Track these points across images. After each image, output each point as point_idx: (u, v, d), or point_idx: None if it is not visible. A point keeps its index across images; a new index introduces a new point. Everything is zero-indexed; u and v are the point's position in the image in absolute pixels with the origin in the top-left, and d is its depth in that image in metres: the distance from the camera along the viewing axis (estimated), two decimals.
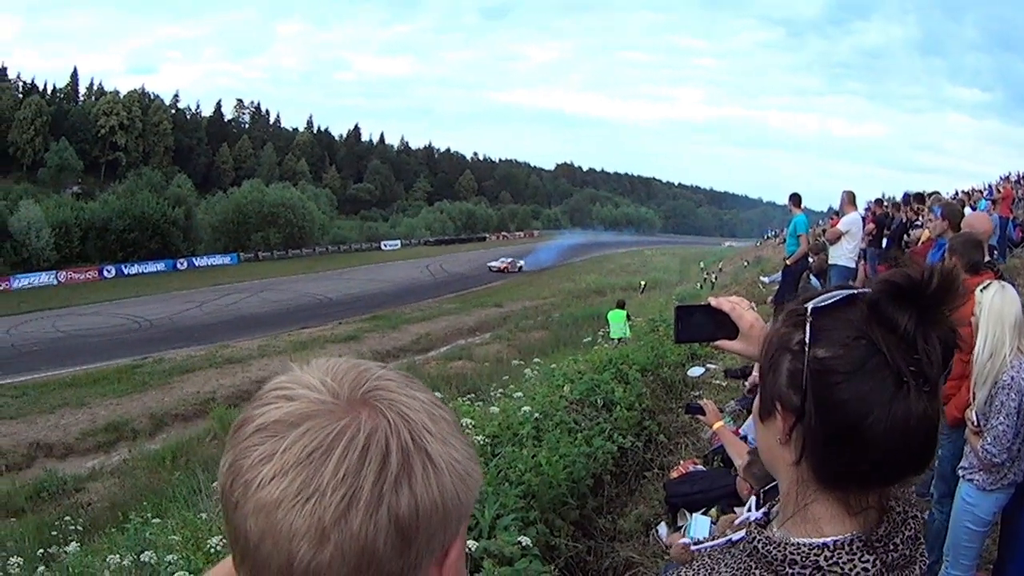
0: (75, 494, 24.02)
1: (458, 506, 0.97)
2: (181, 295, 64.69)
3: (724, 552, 1.60)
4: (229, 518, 0.94)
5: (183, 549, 5.87)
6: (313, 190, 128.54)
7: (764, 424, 1.50)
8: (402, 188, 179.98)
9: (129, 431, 31.49)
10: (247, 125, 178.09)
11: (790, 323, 1.44)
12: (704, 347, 13.62)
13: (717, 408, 6.08)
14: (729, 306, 2.20)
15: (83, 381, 37.47)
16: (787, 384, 1.40)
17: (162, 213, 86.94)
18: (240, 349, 43.49)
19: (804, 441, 1.39)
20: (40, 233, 76.87)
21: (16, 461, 27.81)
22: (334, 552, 0.88)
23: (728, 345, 2.20)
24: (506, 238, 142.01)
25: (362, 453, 0.90)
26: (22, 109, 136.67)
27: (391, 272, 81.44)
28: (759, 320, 2.17)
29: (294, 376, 1.01)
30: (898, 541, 1.39)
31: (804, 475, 1.42)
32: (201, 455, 24.35)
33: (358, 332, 48.34)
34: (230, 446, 0.95)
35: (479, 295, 67.62)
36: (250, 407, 0.98)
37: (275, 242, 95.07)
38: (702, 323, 2.27)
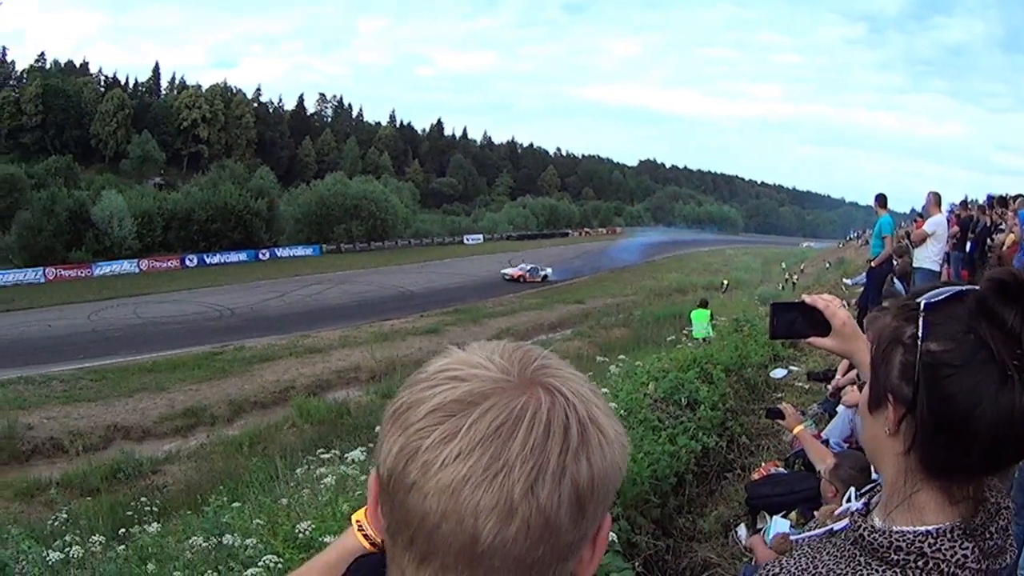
0: (151, 476, 24.37)
1: (619, 478, 1.01)
2: (263, 285, 65.13)
3: (824, 542, 1.65)
4: (400, 501, 0.95)
5: (264, 534, 6.01)
6: (396, 184, 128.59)
7: (873, 415, 1.55)
8: (485, 183, 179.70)
9: (207, 416, 31.88)
10: (330, 119, 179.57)
11: (902, 317, 1.49)
12: (787, 348, 14.64)
13: (798, 412, 6.27)
14: (823, 303, 2.30)
15: (163, 367, 37.89)
16: (899, 376, 1.46)
17: (245, 204, 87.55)
18: (321, 339, 43.79)
19: (914, 432, 1.44)
20: (122, 222, 77.90)
21: (93, 442, 28.03)
22: (520, 526, 0.91)
23: (820, 342, 2.31)
24: (588, 234, 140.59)
25: (546, 427, 0.92)
26: (104, 102, 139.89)
27: (473, 266, 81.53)
28: (851, 318, 2.27)
29: (459, 358, 1.02)
30: (993, 530, 1.44)
31: (911, 465, 1.47)
32: (279, 442, 24.59)
33: (439, 325, 48.36)
34: (396, 430, 0.96)
35: (561, 291, 67.20)
36: (411, 391, 0.99)
37: (357, 234, 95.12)
38: (796, 320, 2.34)
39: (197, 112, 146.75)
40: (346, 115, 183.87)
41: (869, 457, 1.62)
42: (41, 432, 28.50)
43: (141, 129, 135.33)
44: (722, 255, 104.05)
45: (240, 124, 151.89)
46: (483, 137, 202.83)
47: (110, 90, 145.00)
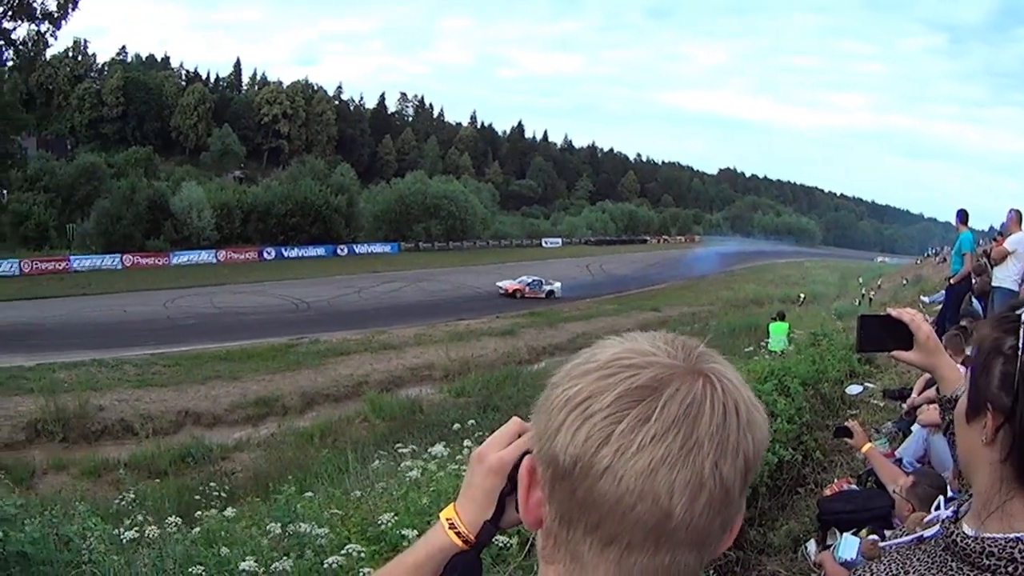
0: (219, 462, 24.81)
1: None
2: (340, 280, 65.31)
3: (913, 548, 1.70)
4: (589, 487, 1.00)
5: (336, 525, 6.19)
6: (476, 184, 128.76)
7: (969, 425, 1.59)
8: (564, 186, 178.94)
9: (279, 407, 32.53)
10: (410, 118, 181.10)
11: (1002, 328, 1.52)
12: (863, 365, 14.58)
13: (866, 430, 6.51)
14: (908, 317, 2.42)
15: (237, 356, 38.34)
16: (999, 386, 1.49)
17: (324, 200, 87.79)
18: (396, 336, 43.93)
19: (1012, 440, 1.47)
20: (201, 213, 78.62)
21: (163, 426, 28.62)
22: (706, 500, 0.99)
23: (903, 355, 2.44)
24: (667, 242, 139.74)
25: (723, 407, 1.01)
26: (185, 96, 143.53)
27: (550, 269, 79.75)
28: (934, 333, 2.38)
29: (628, 347, 1.08)
30: None
31: (1007, 473, 1.49)
32: (350, 435, 25.56)
33: (515, 327, 48.29)
34: (577, 419, 1.01)
35: (638, 298, 66.72)
36: (584, 381, 1.04)
37: (436, 233, 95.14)
38: (882, 333, 2.45)
39: (278, 108, 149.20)
40: (427, 114, 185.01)
41: (962, 465, 1.65)
42: (112, 414, 28.91)
43: (221, 123, 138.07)
44: (799, 268, 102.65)
45: (321, 121, 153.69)
46: (564, 140, 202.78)
47: (191, 84, 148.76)
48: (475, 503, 1.41)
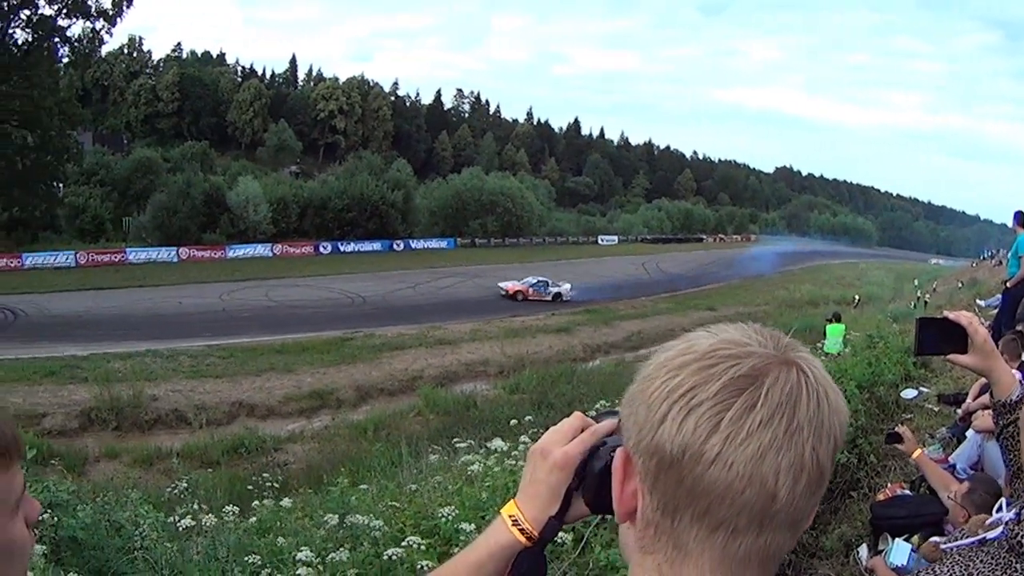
0: (272, 453, 25.25)
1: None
2: (396, 275, 65.30)
3: (976, 550, 1.72)
4: (698, 475, 1.03)
5: (391, 517, 6.27)
6: (532, 181, 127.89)
7: None
8: (620, 184, 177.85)
9: (333, 400, 33.11)
10: (467, 114, 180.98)
11: None
12: (918, 369, 14.30)
13: (920, 436, 6.78)
14: (965, 320, 2.42)
15: (291, 349, 38.65)
16: None
17: (381, 195, 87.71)
18: (451, 331, 44.23)
19: None
20: (258, 207, 78.88)
21: (217, 417, 29.17)
22: (806, 481, 1.04)
23: (960, 359, 2.44)
24: (723, 240, 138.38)
25: (817, 393, 1.05)
26: (241, 92, 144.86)
27: (606, 267, 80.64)
28: (990, 337, 2.37)
29: (724, 339, 1.11)
30: None
31: None
32: (404, 430, 25.33)
33: (570, 324, 48.29)
34: (682, 409, 1.04)
35: (693, 297, 66.29)
36: (685, 372, 1.07)
37: (492, 230, 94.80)
38: (939, 336, 2.47)
39: (334, 104, 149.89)
40: (483, 111, 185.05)
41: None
42: (165, 404, 29.54)
43: (278, 118, 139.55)
44: (855, 269, 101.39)
45: (377, 117, 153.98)
46: (620, 137, 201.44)
47: (247, 80, 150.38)
48: (539, 499, 1.42)
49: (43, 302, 46.53)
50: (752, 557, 1.06)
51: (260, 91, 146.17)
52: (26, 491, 1.33)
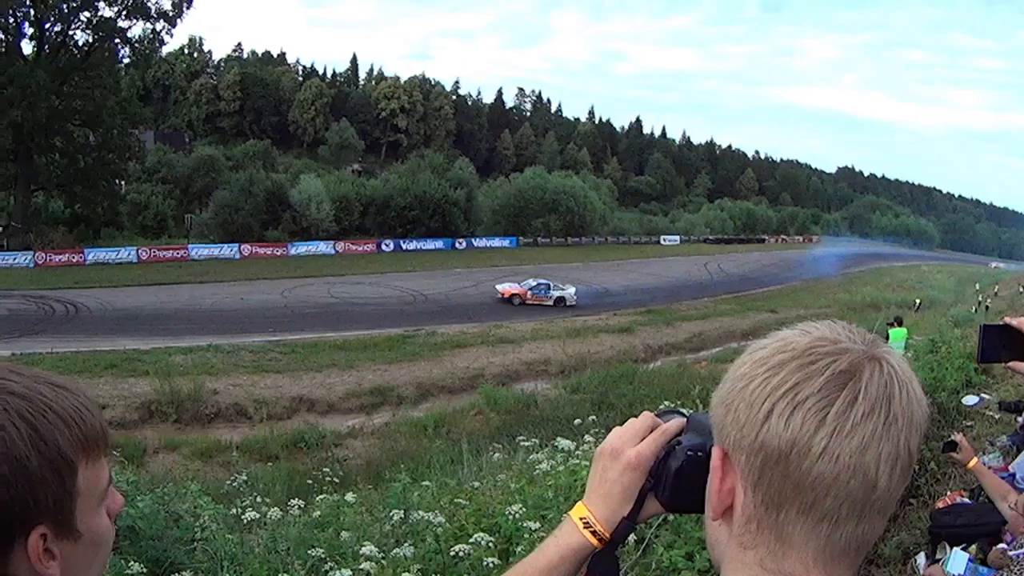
0: (332, 449, 25.19)
1: None
2: (458, 273, 65.63)
3: None
4: (806, 468, 1.07)
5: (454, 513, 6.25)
6: (594, 180, 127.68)
7: None
8: (683, 183, 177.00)
9: (394, 397, 33.18)
10: (528, 113, 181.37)
11: None
12: (980, 375, 13.89)
13: (980, 443, 6.89)
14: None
15: (353, 345, 38.87)
16: None
17: (443, 194, 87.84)
18: (513, 330, 44.19)
19: None
20: (320, 205, 79.29)
21: (278, 412, 29.44)
22: (900, 470, 1.09)
23: (1021, 367, 2.42)
24: (785, 241, 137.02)
25: (906, 386, 1.10)
26: (302, 91, 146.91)
27: (668, 267, 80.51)
28: None
29: (818, 336, 1.14)
30: None
31: None
32: (464, 427, 26.21)
33: (632, 324, 48.01)
34: (787, 406, 1.08)
35: (755, 298, 65.86)
36: (787, 370, 1.10)
37: (555, 229, 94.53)
38: (1001, 343, 2.44)
39: (396, 103, 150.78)
40: (545, 110, 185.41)
41: None
42: (226, 398, 29.88)
43: (339, 117, 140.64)
44: (916, 271, 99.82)
45: (439, 115, 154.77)
46: (682, 137, 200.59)
47: (308, 79, 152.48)
48: (610, 500, 1.43)
49: (105, 297, 47.18)
50: (850, 545, 1.11)
51: (321, 90, 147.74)
52: (112, 484, 1.35)
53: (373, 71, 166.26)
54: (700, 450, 1.36)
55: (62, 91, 63.28)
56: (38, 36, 64.26)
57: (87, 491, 1.25)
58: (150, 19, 66.94)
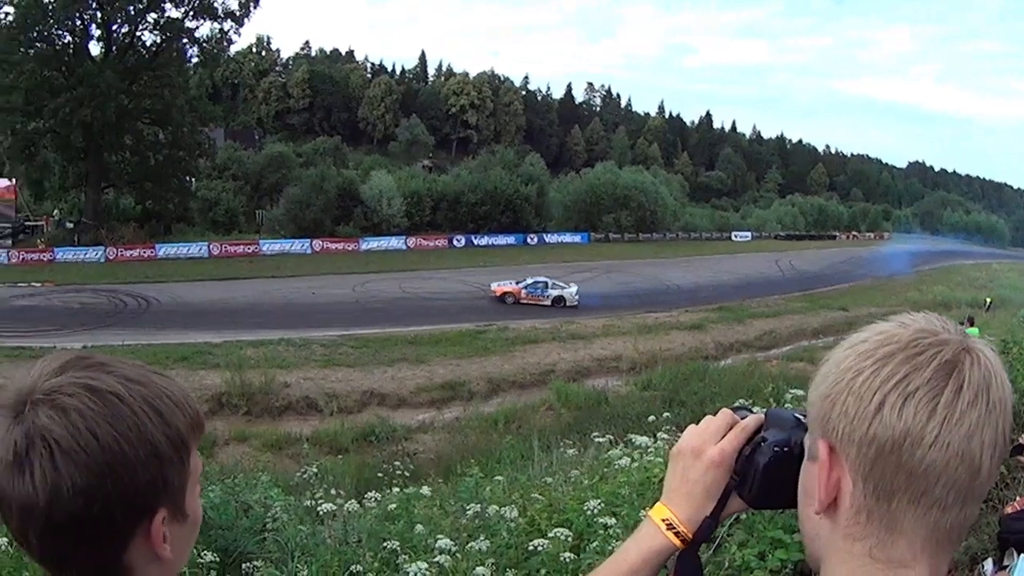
0: (402, 443, 25.56)
1: None
2: (530, 269, 64.20)
3: None
4: (919, 458, 1.10)
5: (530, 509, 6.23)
6: (665, 175, 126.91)
7: None
8: (753, 178, 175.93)
9: (465, 392, 33.41)
10: (598, 108, 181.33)
11: None
12: None
13: None
14: None
15: (424, 340, 38.93)
16: None
17: (514, 189, 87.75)
18: (584, 326, 43.96)
19: None
20: (391, 201, 79.58)
21: (348, 405, 29.92)
22: (998, 456, 1.12)
23: None
24: (856, 238, 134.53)
25: (997, 375, 1.12)
26: (372, 88, 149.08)
27: (740, 264, 79.63)
28: None
29: (919, 328, 1.17)
30: None
31: None
32: (534, 423, 26.00)
33: (703, 322, 47.48)
34: (898, 397, 1.10)
35: (826, 296, 64.67)
36: (893, 361, 1.13)
37: (626, 225, 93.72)
38: None
39: (465, 99, 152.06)
40: (614, 104, 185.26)
41: None
42: (297, 391, 30.35)
43: (409, 114, 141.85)
44: (987, 270, 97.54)
45: (509, 111, 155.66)
46: (752, 131, 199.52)
47: (377, 76, 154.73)
48: (693, 499, 1.43)
49: (176, 291, 47.96)
50: (953, 531, 1.13)
51: (390, 87, 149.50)
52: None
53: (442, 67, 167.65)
54: (786, 445, 1.36)
55: (131, 90, 64.68)
56: (105, 37, 65.83)
57: (194, 474, 1.31)
58: (217, 19, 68.42)
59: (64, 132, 60.36)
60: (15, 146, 62.56)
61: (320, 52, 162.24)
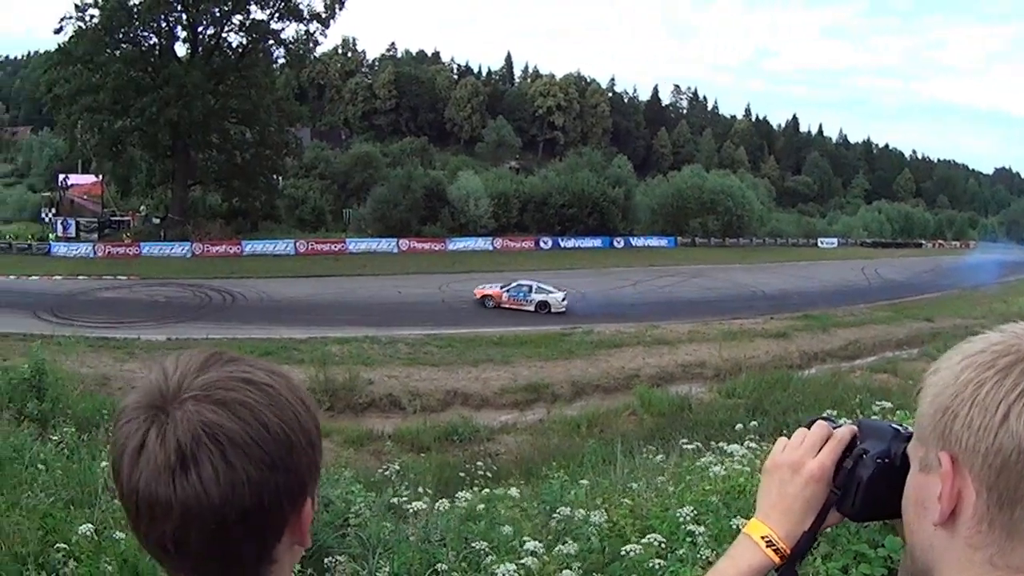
0: (484, 443, 25.84)
1: None
2: (616, 272, 64.90)
3: None
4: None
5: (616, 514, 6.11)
6: (752, 179, 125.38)
7: None
8: (840, 183, 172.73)
9: (548, 394, 33.35)
10: (684, 110, 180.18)
11: None
12: None
13: None
14: None
15: (509, 341, 38.88)
16: None
17: (602, 192, 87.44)
18: (669, 331, 43.54)
19: None
20: (479, 202, 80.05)
21: (431, 404, 30.30)
22: None
23: None
24: (942, 246, 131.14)
25: None
26: (458, 89, 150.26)
27: (825, 271, 78.47)
28: None
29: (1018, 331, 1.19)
30: None
31: None
32: (617, 428, 26.18)
33: (788, 330, 46.76)
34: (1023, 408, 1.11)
35: (911, 306, 62.76)
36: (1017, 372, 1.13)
37: (713, 229, 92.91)
38: None
39: (552, 100, 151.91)
40: (701, 107, 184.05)
41: None
42: (380, 388, 30.60)
43: (495, 115, 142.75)
44: None
45: (595, 113, 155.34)
46: (839, 135, 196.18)
47: (463, 78, 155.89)
48: (792, 514, 1.44)
49: (261, 287, 48.82)
50: None
51: (477, 88, 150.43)
52: None
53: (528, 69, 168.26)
54: (887, 457, 1.36)
55: (217, 90, 66.13)
56: (191, 39, 67.49)
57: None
58: (302, 21, 69.61)
59: (151, 131, 61.83)
60: (102, 143, 64.20)
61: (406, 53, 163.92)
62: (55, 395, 14.78)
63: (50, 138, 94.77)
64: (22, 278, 50.47)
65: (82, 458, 8.52)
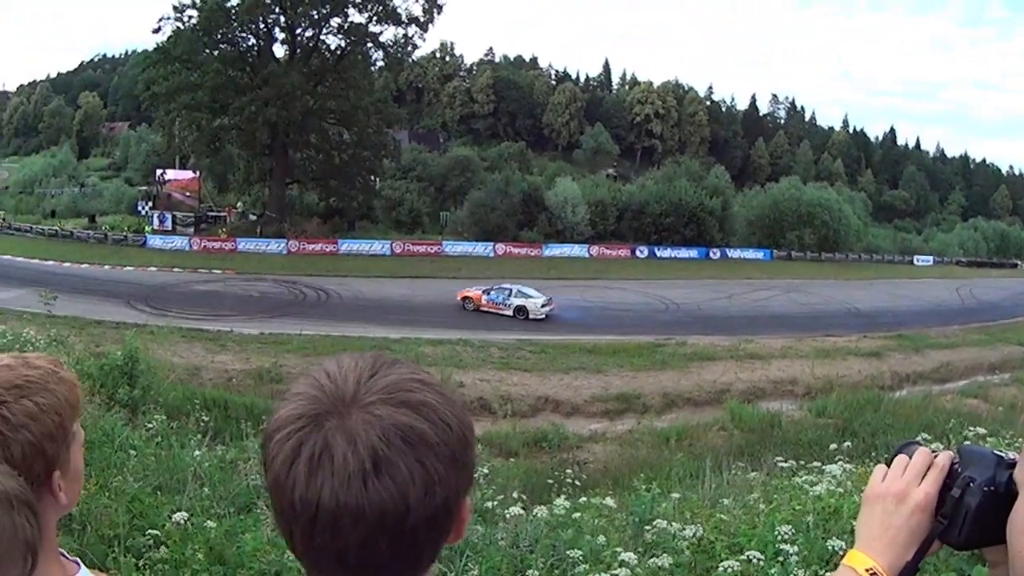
0: (573, 451, 25.79)
1: None
2: (711, 284, 64.35)
3: None
4: None
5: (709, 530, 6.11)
6: (848, 193, 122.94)
7: None
8: (936, 199, 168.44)
9: (639, 405, 33.17)
10: (782, 121, 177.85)
11: None
12: None
13: None
14: None
15: (603, 350, 38.89)
16: None
17: (699, 202, 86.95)
18: (763, 346, 43.28)
19: None
20: (576, 209, 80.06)
21: (522, 409, 30.14)
22: None
23: None
24: None
25: None
26: (556, 95, 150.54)
27: (920, 289, 76.47)
28: None
29: None
30: None
31: None
32: (707, 442, 26.13)
33: (881, 349, 45.92)
34: None
35: (1004, 329, 60.82)
36: None
37: (809, 243, 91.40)
38: None
39: (650, 108, 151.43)
40: (798, 117, 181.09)
41: None
42: (471, 391, 30.72)
43: (593, 122, 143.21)
44: None
45: (693, 121, 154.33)
46: (936, 149, 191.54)
47: (561, 84, 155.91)
48: (896, 546, 1.41)
49: (356, 286, 49.37)
50: None
51: (575, 94, 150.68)
52: None
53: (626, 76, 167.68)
54: (993, 485, 1.34)
55: (316, 92, 67.29)
56: (290, 41, 68.89)
57: None
58: (401, 24, 70.46)
59: (249, 129, 63.34)
60: (200, 141, 66.38)
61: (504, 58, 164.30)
62: (146, 383, 14.89)
63: (147, 134, 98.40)
64: (117, 268, 52.11)
65: (171, 445, 8.65)
